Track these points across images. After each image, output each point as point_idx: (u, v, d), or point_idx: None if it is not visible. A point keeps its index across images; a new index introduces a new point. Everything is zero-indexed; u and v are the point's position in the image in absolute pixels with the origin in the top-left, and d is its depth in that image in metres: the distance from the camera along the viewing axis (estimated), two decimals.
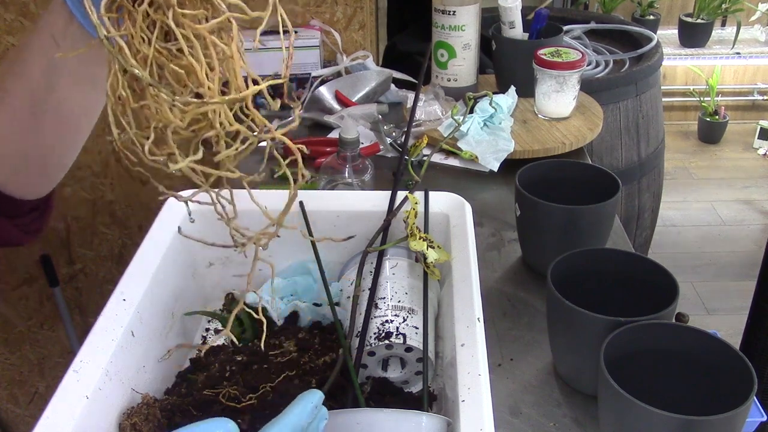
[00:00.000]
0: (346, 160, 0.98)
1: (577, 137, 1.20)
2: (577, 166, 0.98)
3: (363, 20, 1.54)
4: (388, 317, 0.73)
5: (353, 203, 0.87)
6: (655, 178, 1.96)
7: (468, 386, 0.61)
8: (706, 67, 3.29)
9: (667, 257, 2.50)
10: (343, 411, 0.61)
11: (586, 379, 0.74)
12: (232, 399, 0.68)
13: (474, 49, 1.32)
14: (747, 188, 3.04)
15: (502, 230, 1.04)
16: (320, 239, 0.80)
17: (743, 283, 2.29)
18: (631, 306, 0.73)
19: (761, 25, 3.30)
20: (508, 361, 0.81)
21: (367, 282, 0.78)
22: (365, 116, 1.29)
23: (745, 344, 1.49)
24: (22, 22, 1.53)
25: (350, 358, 0.70)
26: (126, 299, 0.69)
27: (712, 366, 0.65)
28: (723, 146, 3.35)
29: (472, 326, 0.67)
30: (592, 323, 0.69)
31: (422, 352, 0.71)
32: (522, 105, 1.31)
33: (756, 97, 3.45)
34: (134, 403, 0.67)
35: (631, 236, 1.94)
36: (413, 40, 1.76)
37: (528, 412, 0.74)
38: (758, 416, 0.90)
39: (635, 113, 1.82)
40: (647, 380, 0.66)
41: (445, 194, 0.87)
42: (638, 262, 0.78)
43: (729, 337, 0.75)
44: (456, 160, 1.20)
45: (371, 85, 1.38)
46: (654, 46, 1.89)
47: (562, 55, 1.21)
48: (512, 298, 0.91)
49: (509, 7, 1.29)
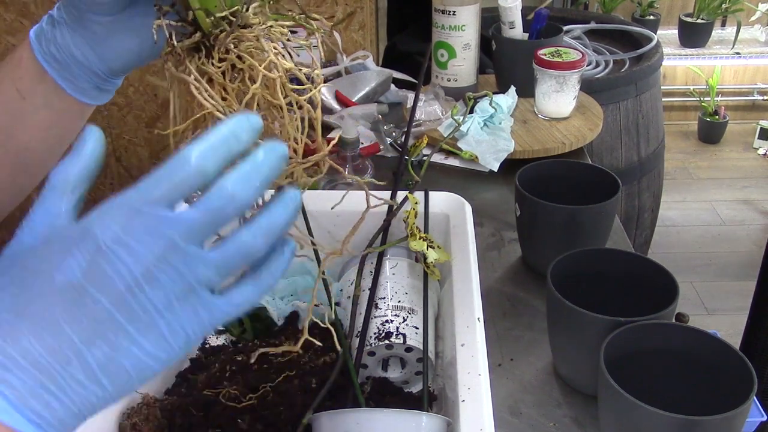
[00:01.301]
0: (346, 160, 0.98)
1: (577, 137, 1.20)
2: (577, 166, 0.98)
3: (363, 20, 1.54)
4: (388, 317, 0.73)
5: (353, 203, 0.87)
6: (655, 178, 1.96)
7: (468, 386, 0.61)
8: (706, 67, 3.29)
9: (667, 257, 2.50)
10: (343, 411, 0.61)
11: (586, 379, 0.74)
12: (232, 399, 0.68)
13: (474, 49, 1.32)
14: (747, 188, 3.04)
15: (502, 230, 1.04)
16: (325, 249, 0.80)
17: (743, 283, 2.29)
18: (631, 306, 0.73)
19: (761, 25, 3.29)
20: (508, 361, 0.81)
21: (367, 282, 0.78)
22: (365, 116, 1.29)
23: (745, 344, 1.49)
24: (22, 22, 1.53)
25: (350, 358, 0.70)
26: None
27: (712, 366, 0.65)
28: (723, 146, 3.35)
29: (472, 326, 0.67)
30: (592, 323, 0.69)
31: (422, 352, 0.71)
32: (522, 105, 1.31)
33: (756, 97, 3.45)
34: (134, 403, 0.67)
35: (631, 236, 1.94)
36: (413, 40, 1.76)
37: (528, 412, 0.74)
38: (758, 416, 0.90)
39: (635, 113, 1.82)
40: (647, 380, 0.66)
41: (445, 194, 0.86)
42: (638, 262, 0.78)
43: (729, 337, 0.75)
44: (456, 160, 1.20)
45: (371, 85, 1.38)
46: (654, 46, 1.89)
47: (562, 55, 1.21)
48: (512, 298, 0.90)
49: (509, 7, 1.29)
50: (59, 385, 0.34)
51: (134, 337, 0.35)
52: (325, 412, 0.62)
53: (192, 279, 0.35)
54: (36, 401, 0.33)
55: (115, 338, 0.34)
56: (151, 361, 0.35)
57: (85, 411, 0.35)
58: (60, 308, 0.34)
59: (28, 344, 0.33)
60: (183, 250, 0.35)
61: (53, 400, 0.33)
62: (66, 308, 0.34)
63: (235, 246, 0.37)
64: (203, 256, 0.36)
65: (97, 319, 0.34)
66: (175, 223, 0.35)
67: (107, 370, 0.34)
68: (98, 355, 0.34)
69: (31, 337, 0.33)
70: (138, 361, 0.35)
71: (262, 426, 0.66)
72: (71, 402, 0.34)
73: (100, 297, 0.34)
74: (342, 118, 1.28)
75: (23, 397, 0.33)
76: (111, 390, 0.35)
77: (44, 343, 0.33)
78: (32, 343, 0.33)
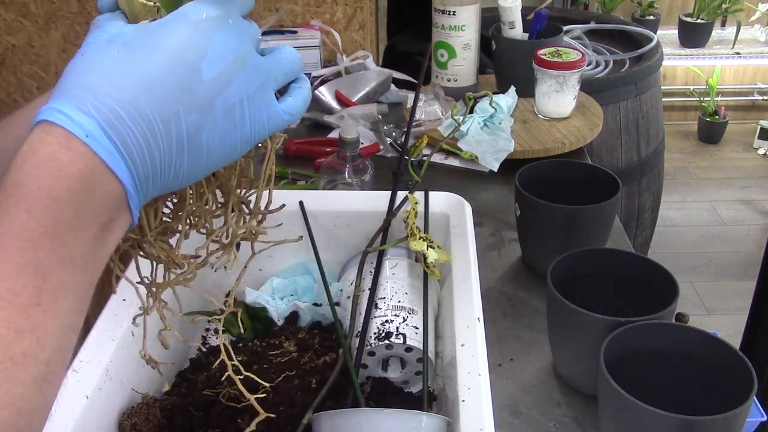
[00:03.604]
0: (346, 160, 0.98)
1: (577, 137, 1.20)
2: (577, 166, 0.98)
3: (363, 20, 1.54)
4: (388, 317, 0.73)
5: (353, 203, 0.87)
6: (655, 178, 1.96)
7: (468, 386, 0.61)
8: (706, 67, 3.29)
9: (667, 257, 2.50)
10: (343, 411, 0.61)
11: (586, 379, 0.74)
12: (232, 399, 0.68)
13: (474, 49, 1.32)
14: (747, 188, 3.03)
15: (502, 230, 1.04)
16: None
17: (743, 283, 2.29)
18: (631, 306, 0.73)
19: (761, 25, 3.29)
20: (508, 361, 0.81)
21: (367, 282, 0.78)
22: (365, 116, 1.29)
23: (745, 344, 1.49)
24: (21, 22, 1.53)
25: (350, 358, 0.70)
26: (126, 299, 0.69)
27: (712, 366, 0.65)
28: (723, 146, 3.35)
29: (472, 326, 0.67)
30: (592, 323, 0.69)
31: (422, 352, 0.71)
32: (522, 105, 1.31)
33: (756, 97, 3.45)
34: (134, 403, 0.67)
35: (631, 236, 1.94)
36: (413, 40, 1.76)
37: (528, 412, 0.74)
38: (758, 416, 0.90)
39: (635, 113, 1.82)
40: (647, 380, 0.66)
41: (445, 194, 0.87)
42: (638, 262, 0.78)
43: (729, 337, 0.75)
44: (456, 160, 1.20)
45: (371, 85, 1.38)
46: (654, 46, 1.89)
47: (562, 55, 1.21)
48: (512, 298, 0.90)
49: (509, 7, 1.29)
50: (156, 140, 0.36)
51: (216, 118, 0.37)
52: (325, 412, 0.62)
53: (264, 76, 0.40)
54: (137, 150, 0.35)
55: (203, 112, 0.37)
56: (220, 144, 0.38)
57: (166, 179, 0.37)
58: (165, 69, 0.36)
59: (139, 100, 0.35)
60: (257, 53, 0.40)
61: (147, 154, 0.35)
62: (169, 69, 0.36)
63: (284, 54, 0.42)
64: (270, 59, 0.41)
65: (196, 89, 0.37)
66: (259, 55, 0.41)
67: (191, 141, 0.37)
68: (190, 123, 0.37)
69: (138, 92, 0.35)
70: (211, 142, 0.38)
71: (262, 426, 0.66)
72: (161, 159, 0.36)
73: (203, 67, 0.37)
74: (342, 118, 1.29)
75: (126, 145, 0.35)
76: (186, 165, 0.37)
77: (150, 97, 0.35)
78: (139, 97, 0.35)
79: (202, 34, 0.37)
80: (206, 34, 0.38)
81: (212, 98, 0.37)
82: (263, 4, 1.51)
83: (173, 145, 0.36)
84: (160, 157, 0.36)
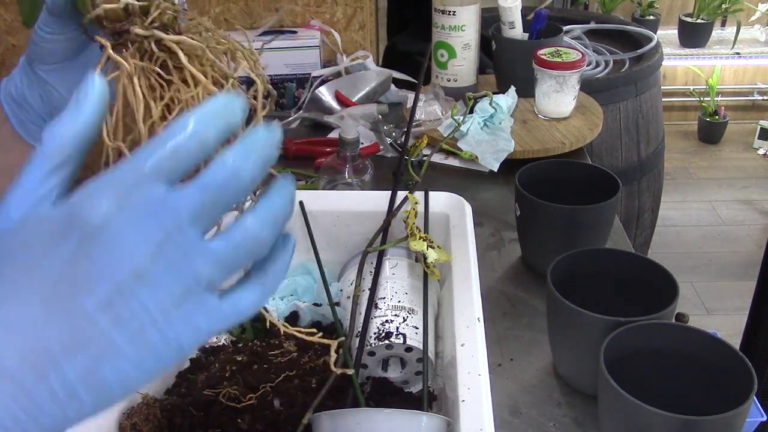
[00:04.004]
0: (346, 160, 0.98)
1: (577, 137, 1.20)
2: (577, 166, 0.98)
3: (363, 20, 1.54)
4: (388, 317, 0.73)
5: (353, 203, 0.87)
6: (655, 178, 1.96)
7: (468, 386, 0.61)
8: (706, 67, 3.29)
9: (667, 257, 2.50)
10: (343, 411, 0.61)
11: (586, 379, 0.74)
12: (232, 399, 0.68)
13: (474, 49, 1.32)
14: (747, 188, 3.03)
15: (502, 230, 1.04)
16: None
17: (743, 283, 2.29)
18: (631, 306, 0.73)
19: (761, 25, 3.29)
20: (508, 361, 0.81)
21: (367, 282, 0.78)
22: (365, 116, 1.29)
23: (745, 344, 1.49)
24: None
25: (350, 358, 0.70)
26: None
27: (712, 366, 0.65)
28: (723, 146, 3.35)
29: (472, 326, 0.67)
30: (592, 323, 0.69)
31: (422, 352, 0.71)
32: (522, 105, 1.31)
33: (756, 97, 3.45)
34: (134, 403, 0.67)
35: (631, 236, 1.94)
36: (413, 40, 1.76)
37: (528, 412, 0.74)
38: (758, 416, 0.90)
39: (635, 113, 1.82)
40: (647, 380, 0.66)
41: (445, 194, 0.86)
42: (638, 262, 0.78)
43: (729, 337, 0.75)
44: (456, 160, 1.20)
45: (371, 85, 1.38)
46: (654, 46, 1.89)
47: (562, 55, 1.21)
48: (512, 298, 0.90)
49: (509, 7, 1.29)
50: (32, 398, 0.30)
51: (120, 348, 0.30)
52: (325, 412, 0.62)
53: (190, 277, 0.31)
54: (5, 413, 0.29)
55: (98, 348, 0.30)
56: (136, 373, 0.31)
57: (59, 426, 0.31)
58: (38, 309, 0.30)
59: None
60: (181, 238, 0.30)
61: (23, 415, 0.29)
62: (45, 310, 0.30)
63: (241, 234, 0.32)
64: (205, 247, 0.31)
65: (79, 325, 0.30)
66: (173, 202, 0.30)
67: (87, 383, 0.30)
68: (78, 366, 0.30)
69: (4, 343, 0.29)
70: (122, 374, 0.31)
71: (262, 426, 0.66)
72: (46, 416, 0.30)
73: (84, 299, 0.30)
74: (342, 118, 1.29)
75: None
76: (90, 404, 0.31)
77: (18, 350, 0.29)
78: (4, 348, 0.29)
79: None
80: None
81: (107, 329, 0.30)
82: (263, 4, 1.51)
83: (58, 393, 0.30)
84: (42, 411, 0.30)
